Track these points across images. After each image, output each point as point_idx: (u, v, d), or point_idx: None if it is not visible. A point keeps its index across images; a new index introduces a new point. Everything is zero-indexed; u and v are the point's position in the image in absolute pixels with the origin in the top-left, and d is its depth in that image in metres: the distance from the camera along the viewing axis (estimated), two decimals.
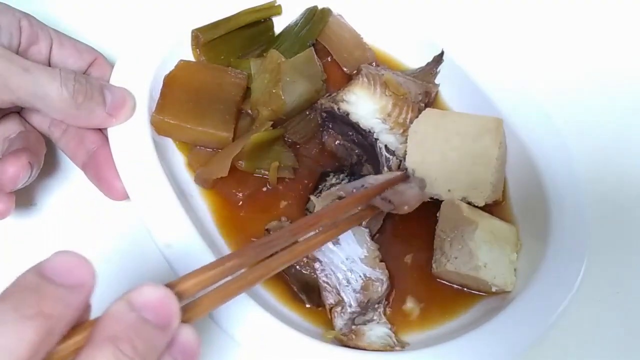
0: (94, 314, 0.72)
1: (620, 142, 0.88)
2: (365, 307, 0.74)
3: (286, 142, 0.86)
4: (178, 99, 0.82)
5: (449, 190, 0.79)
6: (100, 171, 0.75)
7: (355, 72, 0.90)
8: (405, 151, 0.81)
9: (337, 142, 0.87)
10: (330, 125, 0.87)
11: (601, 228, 0.80)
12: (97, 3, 0.94)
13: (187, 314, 0.48)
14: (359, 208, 0.73)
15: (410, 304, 0.78)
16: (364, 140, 0.83)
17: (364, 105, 0.83)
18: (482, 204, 0.79)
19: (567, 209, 0.79)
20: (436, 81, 0.92)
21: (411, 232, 0.83)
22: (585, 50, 0.95)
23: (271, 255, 0.57)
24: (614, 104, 0.91)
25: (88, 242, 0.78)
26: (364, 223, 0.78)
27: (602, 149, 0.87)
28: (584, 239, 0.77)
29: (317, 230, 0.65)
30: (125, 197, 0.74)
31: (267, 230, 0.76)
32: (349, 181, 0.83)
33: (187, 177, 0.83)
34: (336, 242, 0.75)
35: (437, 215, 0.80)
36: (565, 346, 0.76)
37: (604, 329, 0.78)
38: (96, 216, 0.79)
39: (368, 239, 0.77)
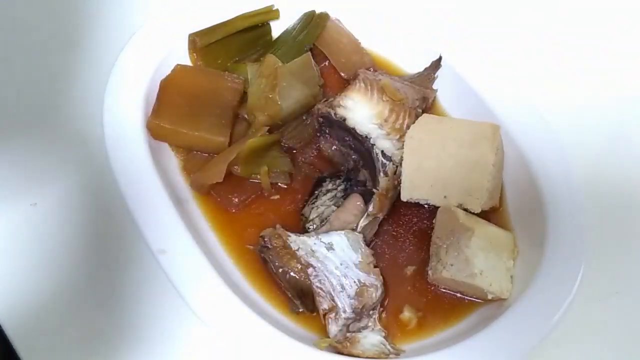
0: (86, 318, 0.72)
1: (617, 147, 0.88)
2: (359, 314, 0.73)
3: (282, 148, 0.86)
4: (174, 104, 0.82)
5: (445, 197, 0.79)
6: None
7: (352, 77, 0.90)
8: (402, 157, 0.81)
9: (333, 147, 0.87)
10: (327, 131, 0.86)
11: (600, 230, 0.80)
12: (94, 7, 0.94)
13: None
14: None
15: (407, 313, 0.78)
16: (360, 145, 0.83)
17: (360, 110, 0.83)
18: (478, 210, 0.78)
19: (564, 216, 0.78)
20: (434, 87, 0.92)
21: (407, 239, 0.83)
22: (583, 57, 0.95)
23: None
24: (612, 111, 0.90)
25: (87, 243, 0.77)
26: (358, 228, 0.78)
27: (599, 154, 0.87)
28: (581, 245, 0.76)
29: None
30: None
31: (262, 237, 0.76)
32: (345, 187, 0.83)
33: (182, 182, 0.83)
34: (330, 248, 0.75)
35: (433, 221, 0.80)
36: (565, 346, 0.75)
37: (604, 329, 0.77)
38: (95, 217, 0.79)
39: (362, 244, 0.76)
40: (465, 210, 0.79)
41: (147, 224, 0.74)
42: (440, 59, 0.90)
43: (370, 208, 0.79)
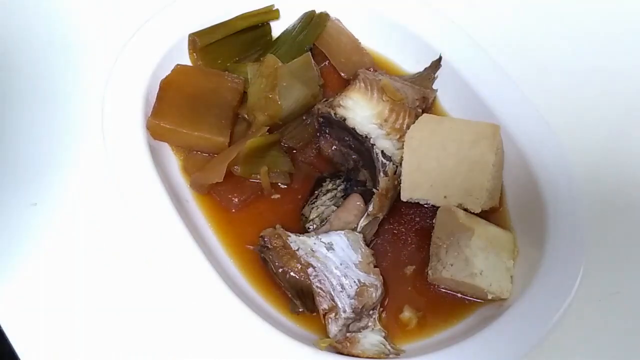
0: (87, 318, 0.72)
1: (617, 147, 0.88)
2: (359, 314, 0.73)
3: (282, 147, 0.86)
4: (174, 104, 0.82)
5: (444, 197, 0.79)
6: None
7: (352, 77, 0.90)
8: (402, 157, 0.81)
9: (333, 147, 0.87)
10: (327, 131, 0.86)
11: (600, 230, 0.80)
12: (95, 7, 0.94)
13: None
14: None
15: (407, 313, 0.78)
16: (360, 145, 0.83)
17: (360, 110, 0.83)
18: (478, 210, 0.78)
19: (564, 216, 0.78)
20: (434, 86, 0.92)
21: (407, 239, 0.83)
22: (583, 57, 0.95)
23: None
24: (612, 111, 0.90)
25: (86, 243, 0.77)
26: (358, 228, 0.78)
27: (599, 155, 0.87)
28: (581, 245, 0.76)
29: None
30: None
31: (261, 237, 0.76)
32: (345, 187, 0.83)
33: (182, 182, 0.83)
34: (330, 248, 0.75)
35: (433, 221, 0.80)
36: (565, 346, 0.76)
37: (604, 329, 0.77)
38: (94, 216, 0.79)
39: (362, 244, 0.76)
40: (465, 210, 0.79)
41: (147, 224, 0.74)
42: (440, 59, 0.90)
43: (370, 208, 0.79)
